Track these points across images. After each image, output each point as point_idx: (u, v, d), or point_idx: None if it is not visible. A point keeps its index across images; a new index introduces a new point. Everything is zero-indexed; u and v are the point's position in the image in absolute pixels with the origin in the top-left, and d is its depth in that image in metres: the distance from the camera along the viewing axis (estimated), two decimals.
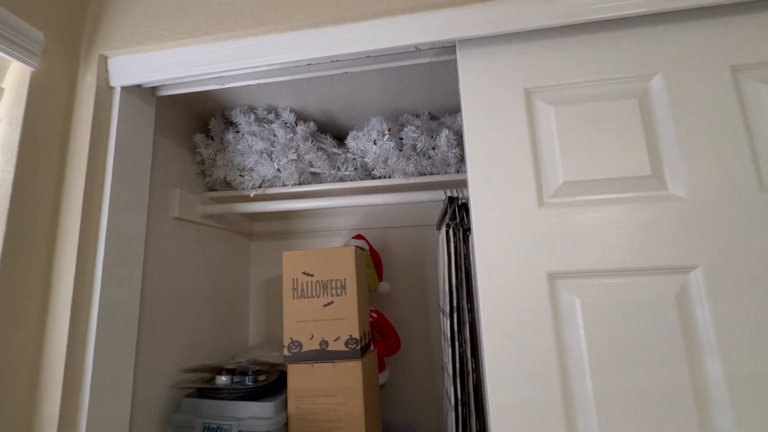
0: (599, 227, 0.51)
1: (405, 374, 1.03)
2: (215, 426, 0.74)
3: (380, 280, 1.03)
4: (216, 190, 0.96)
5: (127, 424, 0.65)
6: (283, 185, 0.92)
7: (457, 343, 0.65)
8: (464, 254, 0.68)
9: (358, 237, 1.04)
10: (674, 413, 0.46)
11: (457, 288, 0.67)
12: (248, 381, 0.79)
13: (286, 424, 0.75)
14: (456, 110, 0.93)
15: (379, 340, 0.98)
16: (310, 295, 0.80)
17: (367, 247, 1.02)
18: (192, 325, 0.87)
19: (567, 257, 0.51)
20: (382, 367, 0.96)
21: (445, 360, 0.71)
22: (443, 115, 0.95)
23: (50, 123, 0.61)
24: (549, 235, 0.51)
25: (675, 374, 0.47)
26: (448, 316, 0.67)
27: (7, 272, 0.53)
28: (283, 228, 1.17)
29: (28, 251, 0.57)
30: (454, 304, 0.66)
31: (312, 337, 0.78)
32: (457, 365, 0.64)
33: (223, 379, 0.80)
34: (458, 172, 0.87)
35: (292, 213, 1.17)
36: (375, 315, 0.98)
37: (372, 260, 1.03)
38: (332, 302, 0.79)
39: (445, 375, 0.72)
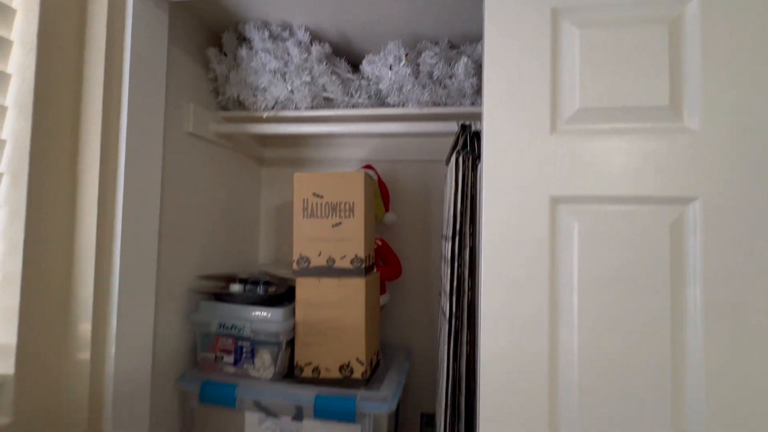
0: (607, 155, 0.52)
1: (404, 300, 1.10)
2: (230, 325, 0.82)
3: (386, 210, 1.06)
4: (229, 110, 0.96)
5: (151, 317, 0.72)
6: (296, 108, 0.92)
7: (456, 264, 0.69)
8: (471, 182, 0.69)
9: (368, 167, 1.06)
10: (650, 331, 0.51)
11: (461, 213, 0.69)
12: (260, 290, 0.86)
13: (294, 329, 0.83)
14: (477, 38, 0.89)
15: (382, 265, 1.04)
16: (319, 215, 0.83)
17: (375, 177, 1.04)
18: (206, 239, 0.93)
19: (571, 183, 0.52)
20: (383, 290, 1.02)
21: (444, 281, 0.76)
22: (463, 43, 0.91)
23: (66, 18, 0.61)
24: (557, 161, 0.53)
25: (656, 298, 0.51)
26: (449, 240, 0.71)
27: (36, 165, 0.56)
28: (294, 156, 1.18)
29: (55, 147, 0.59)
30: (457, 228, 0.69)
31: (320, 254, 0.83)
32: (455, 284, 0.69)
33: (236, 287, 0.87)
34: (473, 104, 0.86)
35: (303, 141, 1.17)
36: (380, 242, 1.03)
37: (380, 191, 1.05)
38: (340, 223, 0.82)
39: (442, 295, 0.77)
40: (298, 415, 0.78)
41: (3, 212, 0.56)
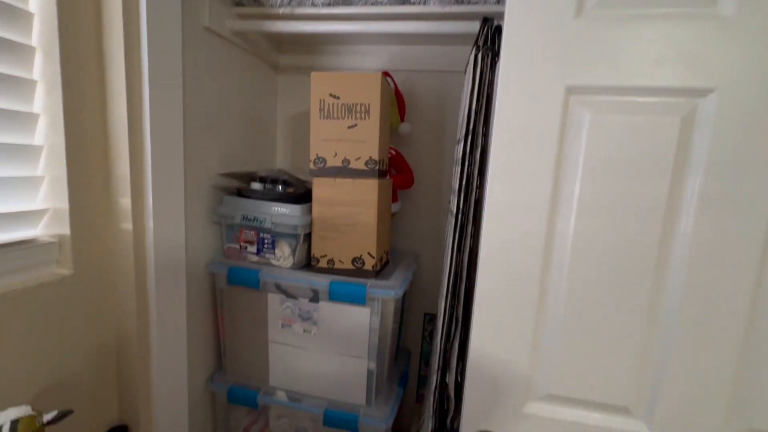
0: (630, 43, 0.51)
1: (415, 210, 1.15)
2: (252, 217, 0.88)
3: (402, 120, 1.07)
4: (243, 5, 0.93)
5: (182, 202, 0.79)
6: (313, 5, 0.89)
7: (466, 164, 0.71)
8: (489, 81, 0.69)
9: (385, 74, 1.04)
10: (644, 218, 0.54)
11: (476, 112, 0.70)
12: (279, 188, 0.91)
13: (311, 225, 0.89)
14: None
15: (395, 174, 1.07)
16: (335, 116, 0.85)
17: (392, 85, 1.03)
18: (226, 140, 0.96)
19: (589, 72, 0.52)
20: (395, 198, 1.07)
21: (453, 182, 0.79)
22: None
23: None
24: (577, 48, 0.52)
25: (655, 187, 0.53)
26: (462, 140, 0.73)
27: (65, 39, 0.58)
28: (310, 63, 1.16)
29: (80, 23, 0.61)
30: (470, 128, 0.70)
31: (335, 155, 0.86)
32: (464, 182, 0.72)
33: (257, 185, 0.92)
34: (498, 2, 0.82)
35: (319, 47, 1.14)
36: (393, 152, 1.05)
37: (396, 100, 1.05)
38: (356, 125, 0.84)
39: (452, 194, 0.81)
40: (315, 298, 0.87)
41: (41, 87, 0.59)
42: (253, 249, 0.91)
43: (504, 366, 0.61)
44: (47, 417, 0.47)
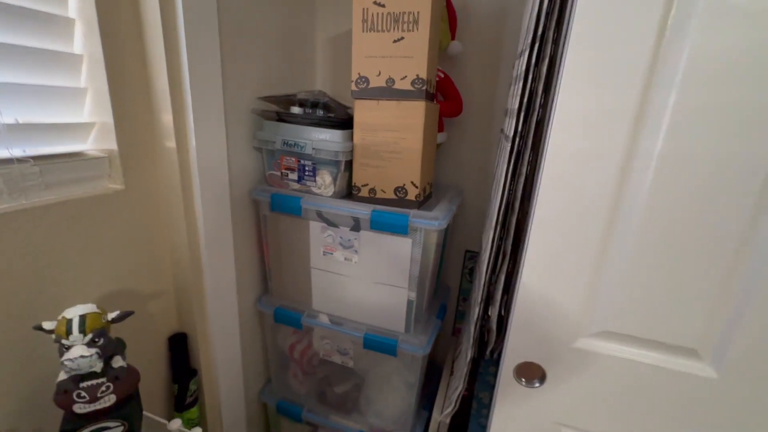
0: None
1: (461, 140, 1.07)
2: (293, 143, 0.86)
3: (452, 38, 0.95)
4: None
5: (222, 121, 0.77)
6: None
7: (530, 78, 0.62)
8: None
9: None
10: (758, 130, 0.44)
11: (546, 15, 0.59)
12: (319, 112, 0.87)
13: (352, 152, 0.85)
14: None
15: (441, 100, 0.99)
16: (380, 28, 0.76)
17: None
18: (263, 63, 0.91)
19: None
20: (440, 128, 0.99)
21: (510, 101, 0.71)
22: None
23: None
24: None
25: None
26: (526, 50, 0.63)
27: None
28: None
29: None
30: (538, 33, 0.60)
31: (379, 73, 0.79)
32: (524, 101, 0.63)
33: (296, 108, 0.88)
34: None
35: None
36: (441, 75, 0.95)
37: (447, 14, 0.93)
38: (402, 38, 0.76)
39: (507, 116, 0.72)
40: (356, 227, 0.86)
41: None
42: (294, 176, 0.90)
43: (556, 299, 0.58)
44: (111, 315, 0.51)
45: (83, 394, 0.48)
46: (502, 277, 0.75)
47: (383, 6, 0.75)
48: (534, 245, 0.57)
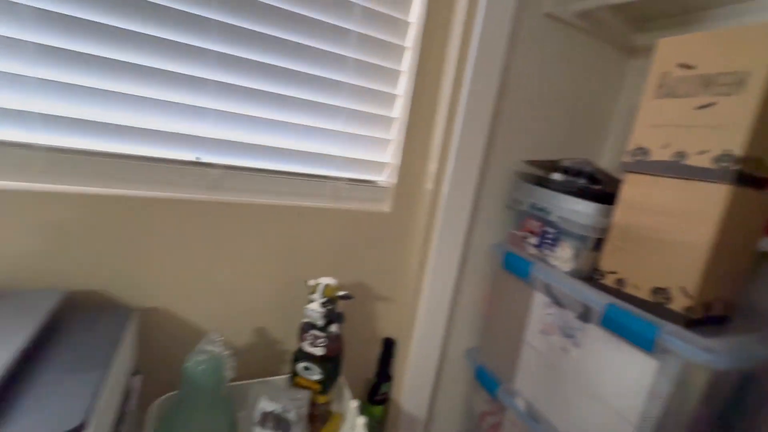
0: None
1: None
2: (540, 206, 0.83)
3: None
4: None
5: (475, 177, 0.87)
6: None
7: None
8: None
9: None
10: None
11: None
12: (580, 182, 0.80)
13: (606, 230, 0.73)
14: None
15: None
16: (680, 93, 0.63)
17: None
18: (542, 127, 0.94)
19: None
20: None
21: None
22: None
23: None
24: None
25: None
26: None
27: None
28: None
29: (436, 35, 0.79)
30: None
31: (666, 145, 0.64)
32: None
33: (557, 175, 0.85)
34: None
35: (699, 14, 0.86)
36: None
37: None
38: (711, 104, 0.59)
39: None
40: (584, 316, 0.72)
41: (403, 76, 0.83)
42: (534, 241, 0.87)
43: None
44: (340, 293, 0.70)
45: (308, 337, 0.68)
46: None
47: (692, 68, 0.61)
48: None
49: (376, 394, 0.94)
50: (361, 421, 0.71)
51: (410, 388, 0.96)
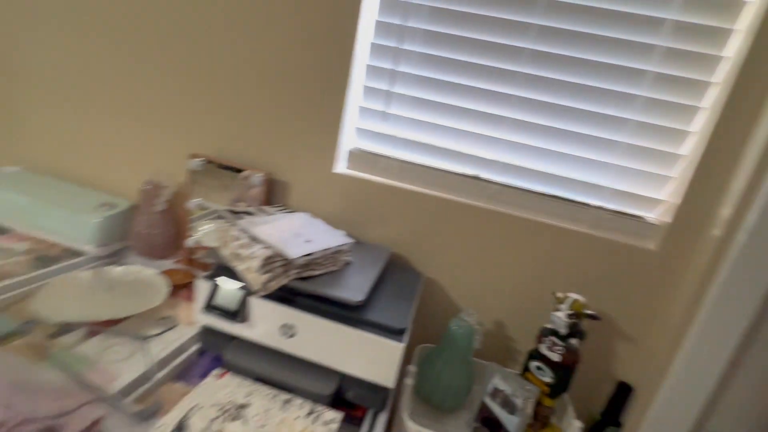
0: None
1: None
2: None
3: None
4: None
5: None
6: None
7: None
8: None
9: None
10: None
11: None
12: None
13: None
14: None
15: None
16: None
17: None
18: None
19: None
20: None
21: None
22: None
23: None
24: None
25: None
26: None
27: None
28: None
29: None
30: None
31: None
32: None
33: None
34: None
35: None
36: None
37: None
38: None
39: None
40: None
41: (702, 113, 0.78)
42: None
43: None
44: (588, 311, 0.74)
45: (546, 341, 0.77)
46: None
47: None
48: None
49: None
50: None
51: None
